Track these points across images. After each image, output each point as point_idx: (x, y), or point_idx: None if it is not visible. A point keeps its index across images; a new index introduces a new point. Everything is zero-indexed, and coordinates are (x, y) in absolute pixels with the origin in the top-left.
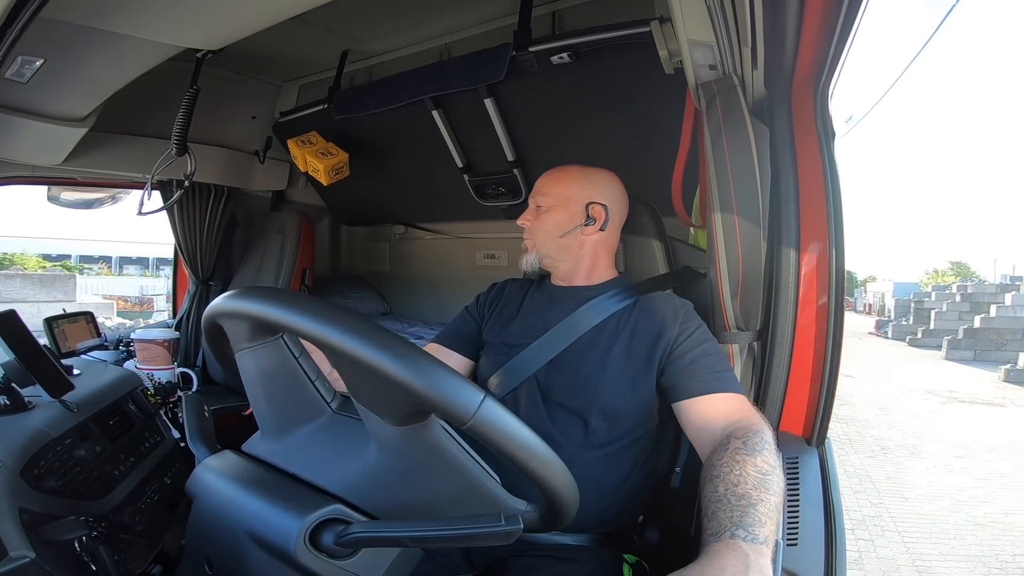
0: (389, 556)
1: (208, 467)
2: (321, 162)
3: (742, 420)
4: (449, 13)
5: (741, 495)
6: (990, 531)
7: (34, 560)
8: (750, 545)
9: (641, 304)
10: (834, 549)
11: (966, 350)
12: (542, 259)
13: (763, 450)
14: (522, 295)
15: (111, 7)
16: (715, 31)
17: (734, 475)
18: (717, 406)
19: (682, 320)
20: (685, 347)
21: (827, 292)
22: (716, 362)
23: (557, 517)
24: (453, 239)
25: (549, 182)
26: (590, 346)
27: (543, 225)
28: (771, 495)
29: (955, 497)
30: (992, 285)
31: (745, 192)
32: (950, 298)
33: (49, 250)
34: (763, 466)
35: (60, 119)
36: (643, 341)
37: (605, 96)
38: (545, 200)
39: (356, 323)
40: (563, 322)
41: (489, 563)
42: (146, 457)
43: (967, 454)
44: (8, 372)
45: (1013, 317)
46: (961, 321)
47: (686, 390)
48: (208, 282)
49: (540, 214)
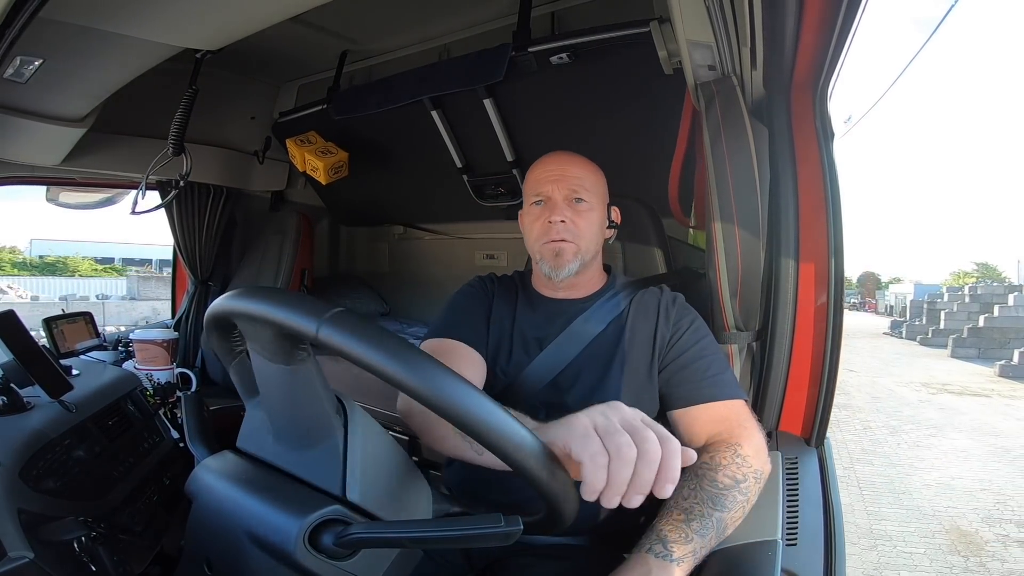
0: (388, 557)
1: (207, 467)
2: (321, 160)
3: (723, 433)
4: (448, 13)
5: (684, 508)
6: (934, 490)
7: (33, 560)
8: (658, 561)
9: (634, 307)
10: (833, 549)
11: (971, 348)
12: (581, 263)
13: (730, 464)
14: (513, 303)
15: (110, 7)
16: (714, 31)
17: (687, 488)
18: (701, 418)
19: (674, 320)
20: (676, 350)
21: (826, 292)
22: (708, 365)
23: (558, 519)
24: (453, 239)
25: (583, 171)
26: (588, 363)
27: (590, 225)
28: (719, 511)
29: (914, 465)
30: (1000, 286)
31: (744, 192)
32: (961, 299)
33: (94, 253)
34: (724, 480)
35: (59, 119)
36: (640, 350)
37: (604, 96)
38: (589, 196)
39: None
40: (559, 338)
41: (488, 563)
42: (145, 458)
43: (938, 433)
44: (7, 372)
45: (1015, 316)
46: (969, 321)
47: (670, 401)
48: (207, 282)
49: (583, 211)
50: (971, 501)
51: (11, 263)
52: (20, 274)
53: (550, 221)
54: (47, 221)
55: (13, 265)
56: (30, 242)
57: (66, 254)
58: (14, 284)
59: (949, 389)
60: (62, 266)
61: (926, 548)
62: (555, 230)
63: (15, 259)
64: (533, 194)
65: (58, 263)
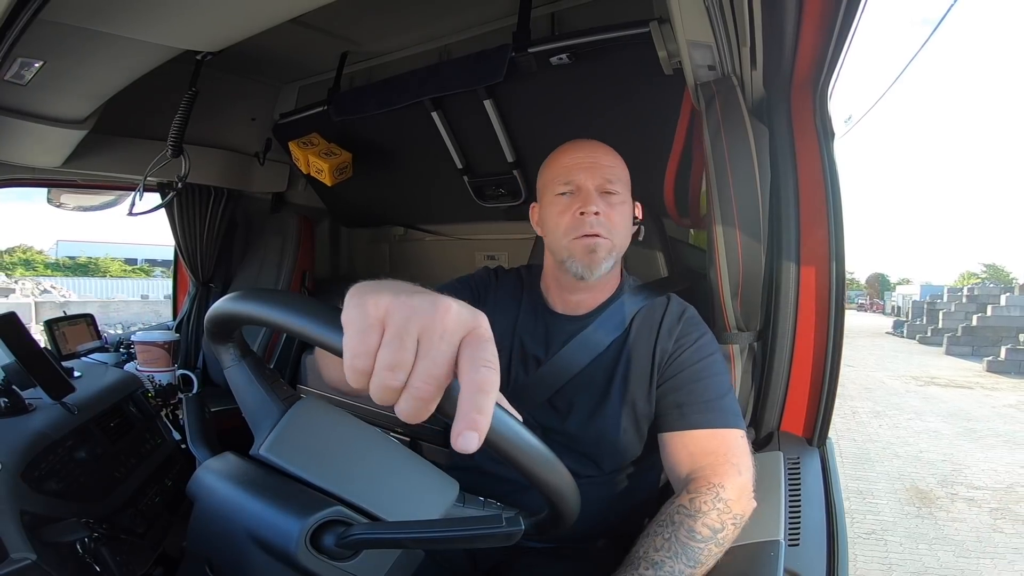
0: (390, 558)
1: (209, 469)
2: (325, 162)
3: (706, 469)
4: (448, 14)
5: (652, 561)
6: (904, 460)
7: (35, 562)
8: None
9: (637, 323)
10: (836, 549)
11: (965, 346)
12: (616, 261)
13: (710, 511)
14: (517, 305)
15: (110, 9)
16: (714, 31)
17: (661, 537)
18: (688, 447)
19: (677, 335)
20: (675, 367)
21: (827, 292)
22: (706, 388)
23: (559, 522)
24: (453, 240)
25: (615, 159)
26: (587, 384)
27: (623, 218)
28: (691, 566)
29: (890, 441)
30: (997, 287)
31: (745, 192)
32: (959, 299)
33: (117, 254)
34: (702, 531)
35: (60, 121)
36: (638, 371)
37: (604, 97)
38: (620, 185)
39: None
40: (558, 356)
41: (493, 564)
42: (147, 459)
43: (917, 417)
44: (9, 374)
45: (1007, 316)
46: (965, 320)
47: (659, 422)
48: (208, 284)
49: (615, 204)
50: (932, 469)
51: (43, 264)
52: (54, 275)
53: (582, 212)
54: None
55: (46, 266)
56: (56, 243)
57: (91, 255)
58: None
59: (936, 382)
60: (93, 267)
61: (888, 500)
62: (588, 223)
63: (47, 260)
64: (561, 182)
65: (90, 264)
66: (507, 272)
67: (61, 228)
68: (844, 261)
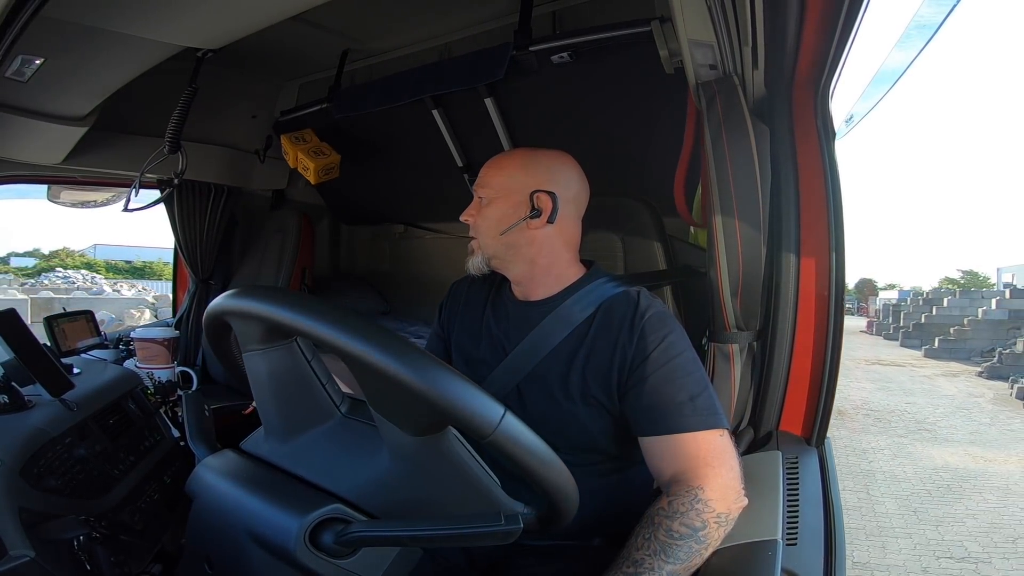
0: (389, 556)
1: (208, 466)
2: (313, 161)
3: (687, 472)
4: (449, 13)
5: (634, 561)
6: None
7: (34, 559)
8: None
9: (600, 316)
10: (834, 548)
11: (915, 339)
12: (490, 260)
13: (688, 512)
14: (483, 303)
15: (111, 6)
16: (715, 31)
17: (641, 538)
18: (667, 452)
19: (639, 335)
20: (641, 372)
21: (827, 292)
22: (678, 391)
23: (557, 519)
24: (454, 238)
25: (490, 171)
26: (547, 374)
27: (485, 220)
28: (671, 563)
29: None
30: (947, 291)
31: (745, 192)
32: (917, 302)
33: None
34: (679, 529)
35: (60, 118)
36: (598, 367)
37: (605, 96)
38: (486, 192)
39: (378, 333)
40: (521, 344)
41: (491, 563)
42: (146, 456)
43: (854, 382)
44: (8, 371)
45: (948, 315)
46: (917, 319)
47: (636, 428)
48: (208, 281)
49: (482, 208)
50: (852, 404)
51: (105, 267)
52: (115, 277)
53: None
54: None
55: (108, 269)
56: (93, 247)
57: (129, 259)
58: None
59: (881, 363)
60: (149, 270)
61: None
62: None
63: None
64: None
65: (145, 267)
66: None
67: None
68: (844, 261)
